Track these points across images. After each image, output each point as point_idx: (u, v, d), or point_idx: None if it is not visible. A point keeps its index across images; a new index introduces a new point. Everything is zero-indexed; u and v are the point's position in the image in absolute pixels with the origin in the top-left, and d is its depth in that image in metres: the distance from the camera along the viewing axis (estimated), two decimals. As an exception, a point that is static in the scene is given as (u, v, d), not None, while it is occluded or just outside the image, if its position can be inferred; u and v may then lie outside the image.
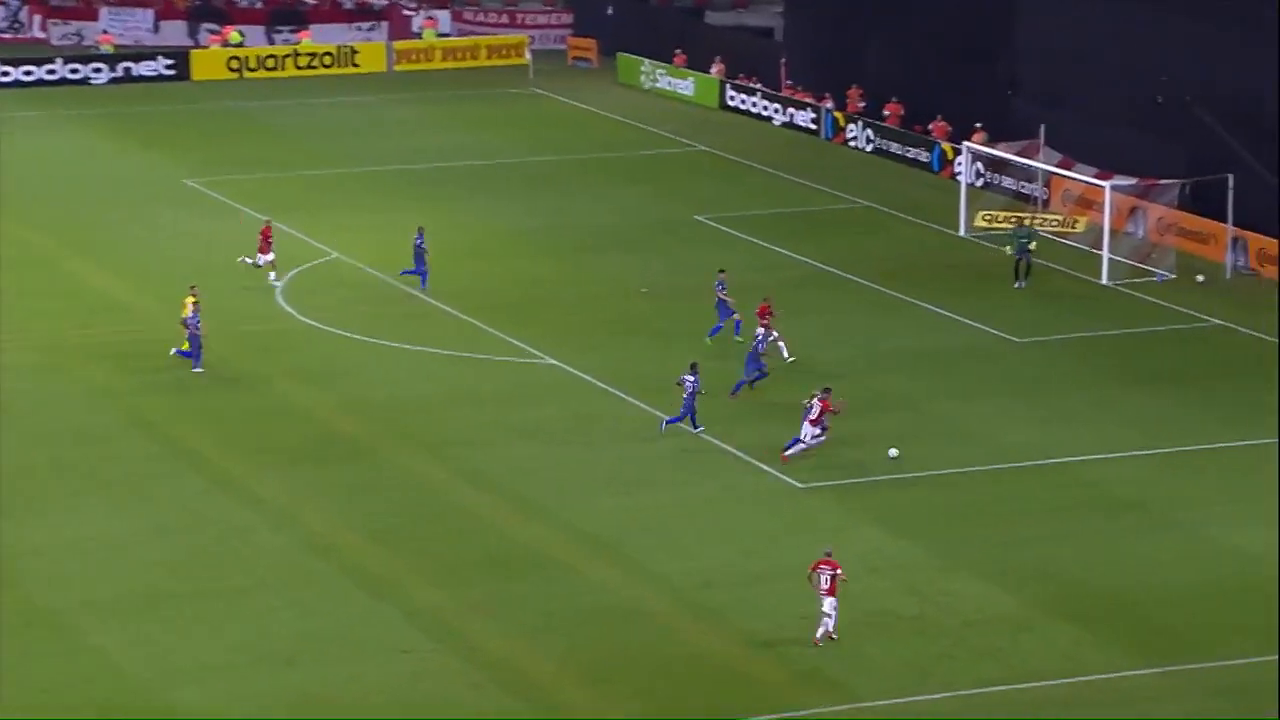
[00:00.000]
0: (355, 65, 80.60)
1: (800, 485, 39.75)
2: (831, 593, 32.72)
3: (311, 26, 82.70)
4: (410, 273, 51.63)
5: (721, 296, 47.71)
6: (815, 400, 40.29)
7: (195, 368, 45.42)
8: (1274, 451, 41.27)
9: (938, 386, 45.37)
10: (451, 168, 65.93)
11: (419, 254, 51.27)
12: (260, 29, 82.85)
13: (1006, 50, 64.69)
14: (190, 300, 45.66)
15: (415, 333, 48.68)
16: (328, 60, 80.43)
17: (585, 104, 75.17)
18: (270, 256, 51.63)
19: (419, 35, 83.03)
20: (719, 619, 34.12)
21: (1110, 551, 36.71)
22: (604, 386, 45.34)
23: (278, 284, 51.39)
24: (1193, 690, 31.83)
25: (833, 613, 32.74)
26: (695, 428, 41.91)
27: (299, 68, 79.98)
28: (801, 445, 40.32)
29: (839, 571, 32.86)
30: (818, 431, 40.16)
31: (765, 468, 40.56)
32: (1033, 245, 52.45)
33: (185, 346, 45.60)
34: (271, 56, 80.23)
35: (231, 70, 79.40)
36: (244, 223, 58.63)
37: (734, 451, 41.45)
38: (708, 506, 38.88)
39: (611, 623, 34.02)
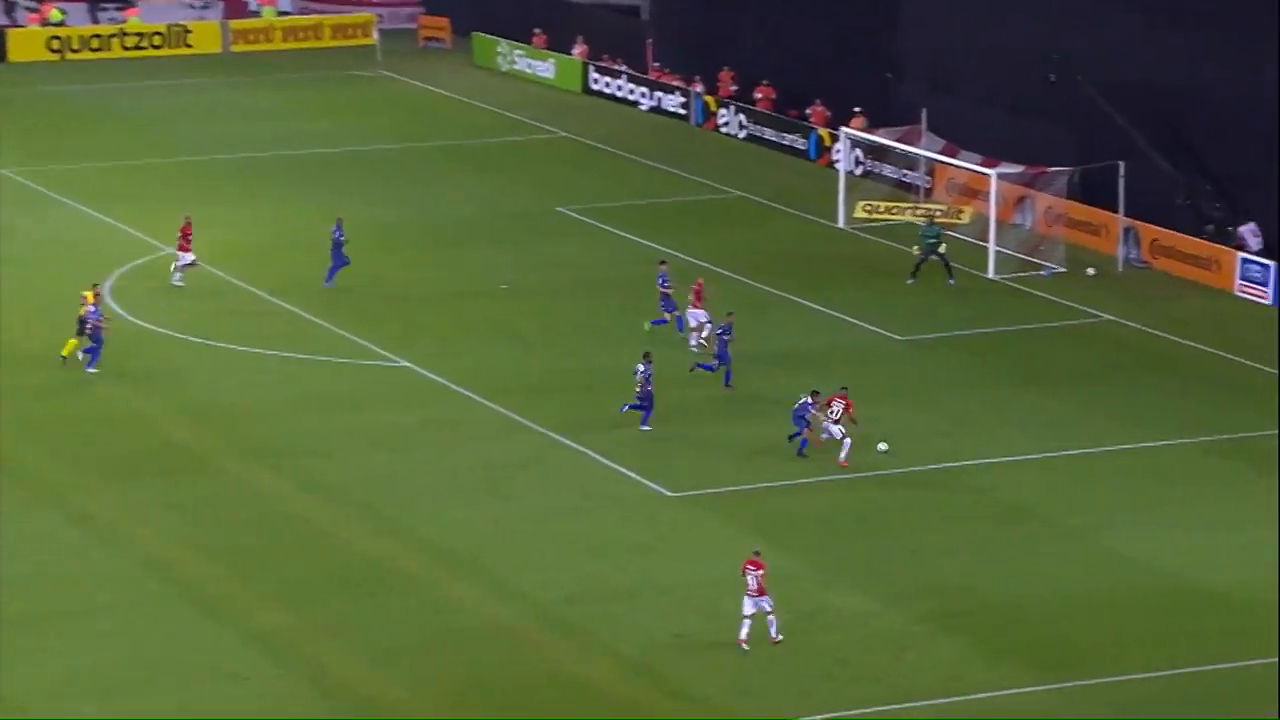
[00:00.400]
0: (188, 46, 79.85)
1: (671, 494, 39.83)
2: (761, 593, 33.34)
3: (140, 4, 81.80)
4: (335, 269, 51.47)
5: (663, 290, 48.44)
6: (834, 402, 41.21)
7: (89, 367, 45.30)
8: (1172, 452, 41.93)
9: (817, 388, 45.58)
10: (295, 156, 65.46)
11: (337, 246, 51.29)
12: (83, 7, 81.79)
13: (887, 30, 65.17)
14: (90, 296, 45.70)
15: (258, 334, 48.26)
16: (157, 41, 79.64)
17: (438, 88, 74.93)
18: (190, 257, 51.06)
19: (257, 14, 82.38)
20: (585, 637, 34.10)
21: (1000, 561, 37.06)
22: (461, 390, 45.21)
23: (180, 284, 50.88)
24: (1086, 706, 32.18)
25: (752, 613, 33.34)
26: (643, 423, 42.59)
27: (126, 49, 79.11)
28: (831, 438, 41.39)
29: (761, 570, 33.45)
30: (843, 429, 41.12)
31: (633, 475, 40.59)
32: (943, 247, 52.78)
33: (87, 343, 45.53)
34: (96, 36, 79.32)
35: (52, 52, 78.39)
36: (67, 217, 58.01)
37: (600, 458, 41.46)
38: (573, 517, 38.87)
39: (469, 643, 33.91)
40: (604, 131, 68.26)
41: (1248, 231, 53.66)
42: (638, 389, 42.55)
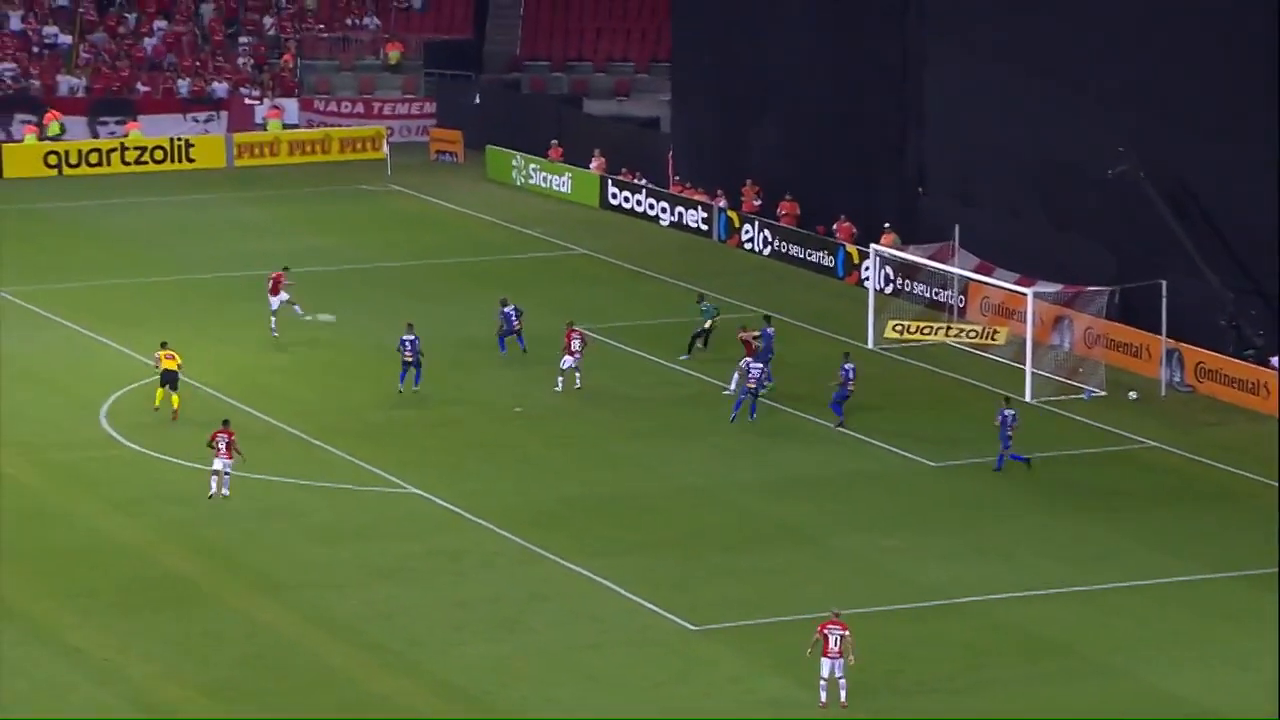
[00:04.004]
0: (190, 160, 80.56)
1: (693, 627, 39.88)
2: (840, 654, 35.52)
3: (140, 117, 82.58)
4: (506, 338, 56.16)
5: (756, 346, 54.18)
6: None
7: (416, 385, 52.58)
8: (1214, 586, 41.94)
9: (844, 516, 45.73)
10: (300, 274, 65.86)
11: (510, 324, 55.79)
12: (82, 120, 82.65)
13: (916, 143, 65.67)
14: (163, 355, 51.03)
15: (258, 459, 48.43)
16: (159, 155, 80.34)
17: (450, 203, 75.49)
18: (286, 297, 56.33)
19: (263, 127, 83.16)
20: (600, 779, 34.13)
21: (1033, 700, 37.02)
22: (473, 518, 45.35)
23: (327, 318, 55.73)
24: None
25: (832, 676, 35.72)
26: (751, 414, 50.85)
27: (126, 163, 79.80)
28: None
29: (846, 632, 35.65)
30: None
31: (653, 607, 40.66)
32: (708, 324, 56.18)
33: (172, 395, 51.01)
34: (95, 150, 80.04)
35: (49, 167, 79.11)
36: (61, 337, 58.42)
37: (617, 589, 41.55)
38: (588, 653, 38.90)
39: (479, 785, 33.95)
40: (624, 248, 68.70)
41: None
42: (751, 385, 50.80)
